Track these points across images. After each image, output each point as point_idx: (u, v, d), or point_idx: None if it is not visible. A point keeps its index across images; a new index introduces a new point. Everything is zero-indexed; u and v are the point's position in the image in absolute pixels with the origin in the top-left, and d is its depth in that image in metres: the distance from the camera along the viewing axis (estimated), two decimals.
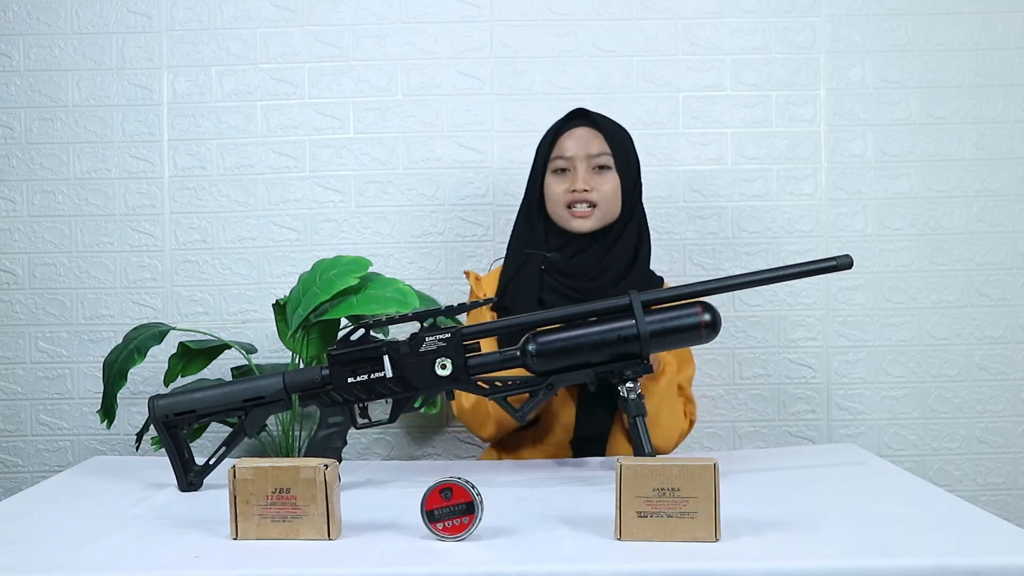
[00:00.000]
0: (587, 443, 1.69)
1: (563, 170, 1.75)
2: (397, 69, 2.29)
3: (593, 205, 1.72)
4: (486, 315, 1.74)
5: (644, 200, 2.29)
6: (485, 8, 2.28)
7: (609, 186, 1.74)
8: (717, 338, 1.46)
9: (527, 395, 1.43)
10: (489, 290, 1.78)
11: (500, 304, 1.73)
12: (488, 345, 1.60)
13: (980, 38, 2.28)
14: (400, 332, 2.15)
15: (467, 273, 1.85)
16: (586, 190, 1.72)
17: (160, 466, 1.54)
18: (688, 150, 2.29)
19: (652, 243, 2.28)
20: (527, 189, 1.81)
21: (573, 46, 2.28)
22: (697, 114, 2.29)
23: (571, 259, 1.74)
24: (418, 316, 1.43)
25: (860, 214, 2.29)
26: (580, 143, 1.75)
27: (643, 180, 2.27)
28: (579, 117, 1.79)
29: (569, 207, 1.73)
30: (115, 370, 1.93)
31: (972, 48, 2.28)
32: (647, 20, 2.28)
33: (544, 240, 1.77)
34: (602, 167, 1.74)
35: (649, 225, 1.83)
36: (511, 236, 1.82)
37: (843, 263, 1.41)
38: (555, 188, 1.75)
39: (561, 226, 1.75)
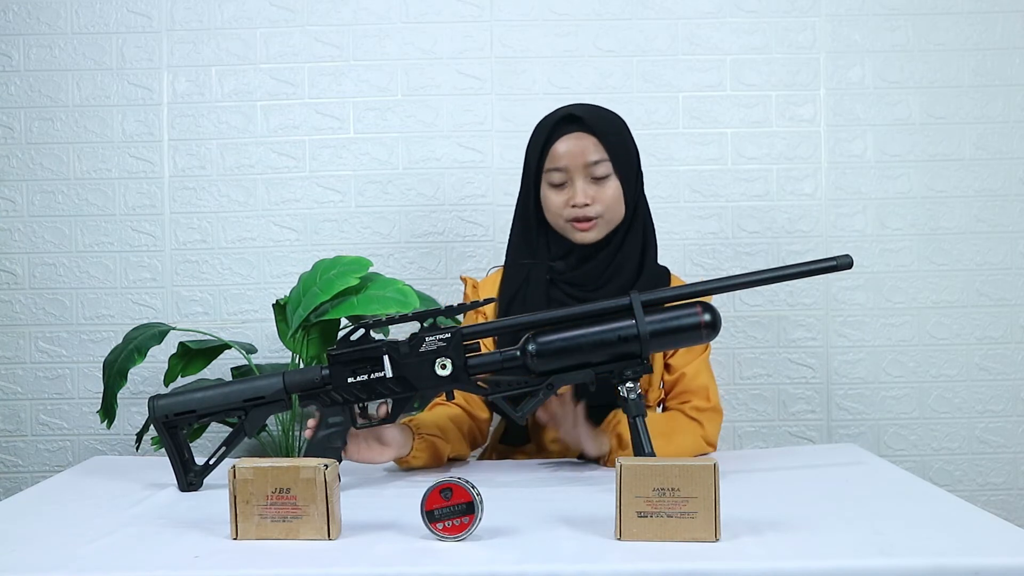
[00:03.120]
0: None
1: (560, 182, 1.62)
2: (397, 69, 2.29)
3: (598, 217, 1.61)
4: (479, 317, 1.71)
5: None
6: (485, 8, 2.28)
7: (610, 193, 1.61)
8: (717, 338, 1.46)
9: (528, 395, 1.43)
10: (486, 296, 1.71)
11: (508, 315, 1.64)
12: (486, 346, 1.58)
13: (980, 38, 2.28)
14: (400, 332, 2.15)
15: (464, 279, 1.78)
16: (587, 204, 1.60)
17: (160, 466, 1.54)
18: (688, 150, 2.29)
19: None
20: (521, 197, 1.70)
21: (573, 46, 2.28)
22: (697, 114, 2.29)
23: (577, 269, 1.66)
24: (418, 316, 1.43)
25: (860, 214, 2.29)
26: (575, 153, 1.60)
27: (643, 180, 2.28)
28: (570, 122, 1.62)
29: (572, 220, 1.62)
30: (115, 370, 1.94)
31: (972, 48, 2.28)
32: (647, 20, 2.28)
33: (546, 250, 1.68)
34: (602, 176, 1.61)
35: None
36: (509, 246, 1.72)
37: (843, 263, 1.40)
38: (553, 200, 1.63)
39: (564, 236, 1.66)
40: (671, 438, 1.58)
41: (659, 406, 1.74)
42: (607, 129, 1.63)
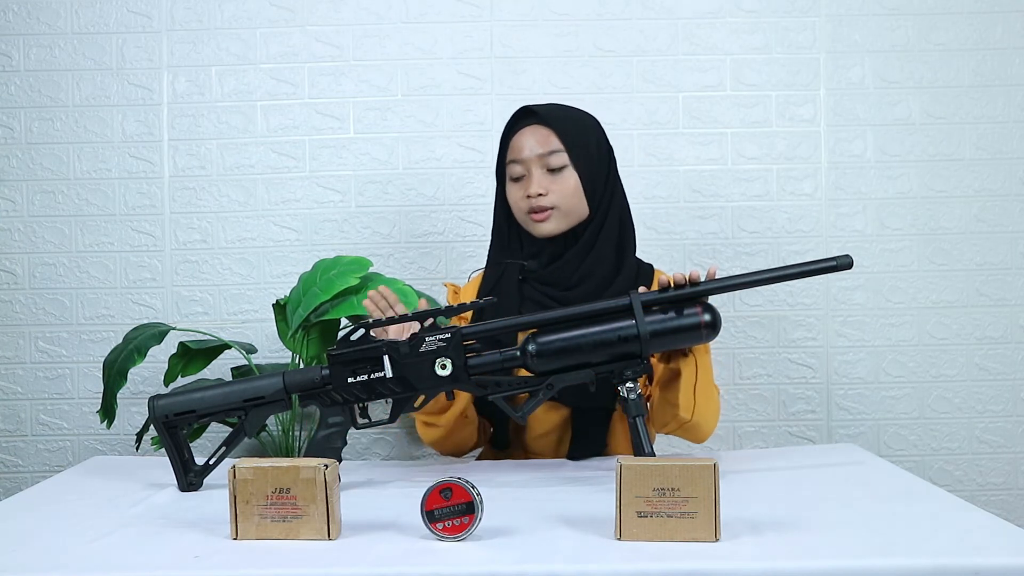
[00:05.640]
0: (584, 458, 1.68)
1: (519, 175, 1.65)
2: (397, 69, 2.29)
3: (552, 207, 1.62)
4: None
5: (645, 199, 2.29)
6: (485, 8, 2.28)
7: (568, 185, 1.62)
8: (717, 338, 1.46)
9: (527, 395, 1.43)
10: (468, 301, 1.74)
11: (482, 319, 1.64)
12: None
13: (980, 38, 2.28)
14: None
15: (446, 285, 1.79)
16: (541, 194, 1.61)
17: (160, 466, 1.54)
18: (688, 150, 2.29)
19: (653, 243, 2.28)
20: (496, 197, 1.73)
21: (573, 46, 2.28)
22: (697, 114, 2.29)
23: (547, 267, 1.67)
24: (418, 316, 1.43)
25: (860, 214, 2.29)
26: (529, 144, 1.63)
27: (643, 180, 2.28)
28: (527, 116, 1.66)
29: (529, 212, 1.64)
30: (115, 370, 1.94)
31: (972, 48, 2.28)
32: (647, 20, 2.28)
33: (519, 248, 1.70)
34: (557, 167, 1.62)
35: (648, 223, 1.79)
36: (490, 247, 1.75)
37: (843, 263, 1.40)
38: (514, 195, 1.66)
39: (529, 232, 1.67)
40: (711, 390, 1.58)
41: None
42: (564, 122, 1.65)
